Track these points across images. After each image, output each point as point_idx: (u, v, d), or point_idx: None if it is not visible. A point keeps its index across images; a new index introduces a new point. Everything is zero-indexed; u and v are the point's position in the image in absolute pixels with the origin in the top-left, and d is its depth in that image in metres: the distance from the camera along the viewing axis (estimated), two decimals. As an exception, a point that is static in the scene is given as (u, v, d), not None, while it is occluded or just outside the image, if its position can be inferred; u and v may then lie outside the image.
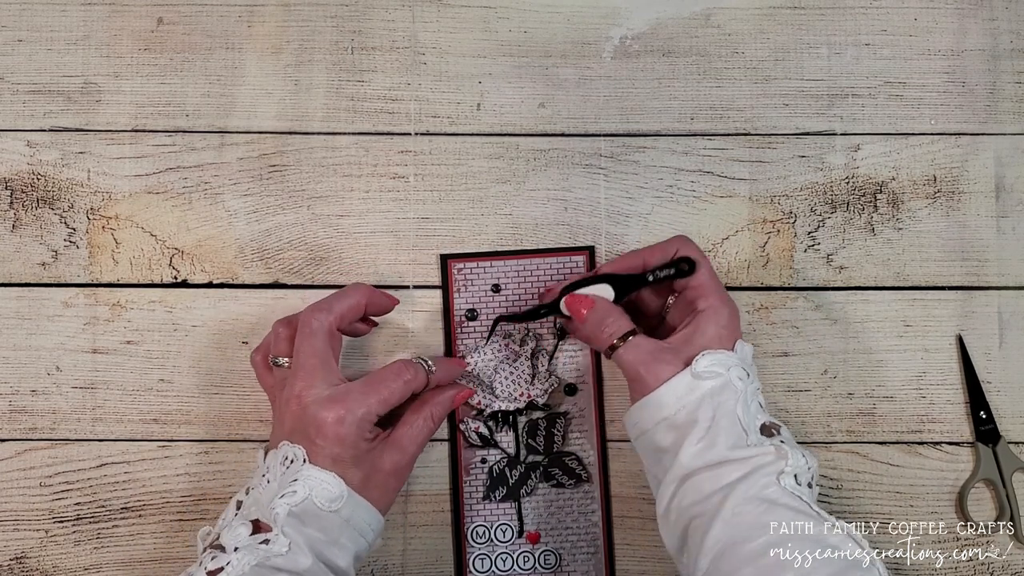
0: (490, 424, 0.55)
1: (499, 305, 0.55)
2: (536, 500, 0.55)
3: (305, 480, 0.46)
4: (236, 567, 0.43)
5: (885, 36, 0.57)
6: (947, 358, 0.56)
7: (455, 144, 0.57)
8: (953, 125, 0.57)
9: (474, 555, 0.54)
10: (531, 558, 0.54)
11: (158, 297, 0.56)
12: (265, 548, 0.44)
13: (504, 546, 0.54)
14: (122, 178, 0.56)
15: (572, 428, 0.55)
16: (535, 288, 0.56)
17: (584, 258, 0.56)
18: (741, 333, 0.49)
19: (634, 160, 0.57)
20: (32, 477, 0.55)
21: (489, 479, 0.55)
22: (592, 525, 0.55)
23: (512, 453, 0.55)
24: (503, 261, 0.56)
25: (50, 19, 0.57)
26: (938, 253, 0.56)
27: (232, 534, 0.45)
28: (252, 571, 0.44)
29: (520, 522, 0.55)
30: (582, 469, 0.55)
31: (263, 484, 0.47)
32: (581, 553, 0.54)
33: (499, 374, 0.53)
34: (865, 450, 0.56)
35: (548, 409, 0.55)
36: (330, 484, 0.46)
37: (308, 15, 0.57)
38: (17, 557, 0.55)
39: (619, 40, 0.57)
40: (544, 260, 0.56)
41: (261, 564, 0.44)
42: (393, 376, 0.48)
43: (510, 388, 0.53)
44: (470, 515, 0.55)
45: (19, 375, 0.56)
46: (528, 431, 0.55)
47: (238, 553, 0.44)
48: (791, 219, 0.57)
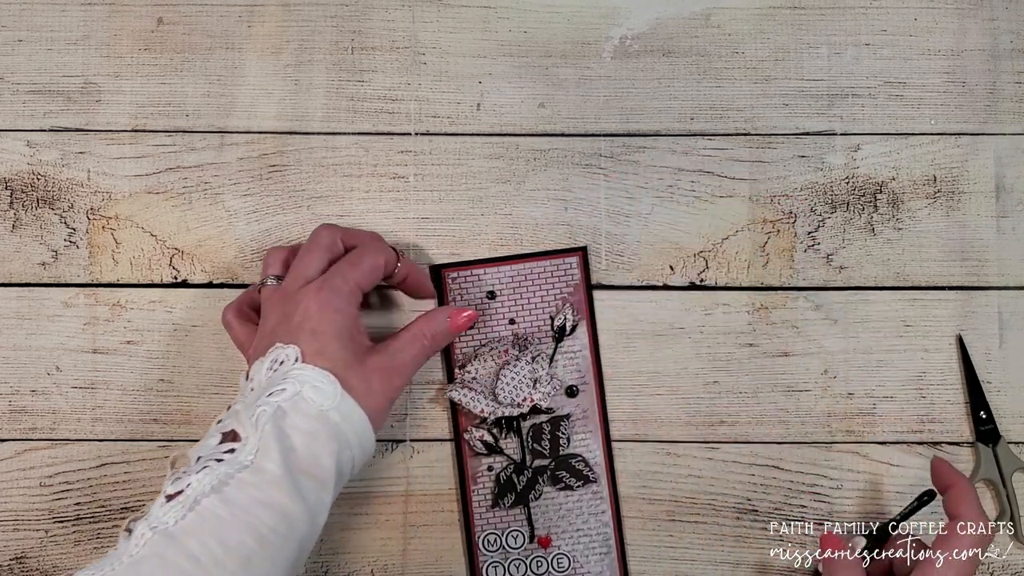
0: (494, 431, 0.55)
1: (495, 312, 0.55)
2: (545, 504, 0.55)
3: (296, 378, 0.44)
4: (196, 488, 0.41)
5: (885, 36, 0.57)
6: (947, 358, 0.56)
7: (455, 144, 0.57)
8: (953, 125, 0.57)
9: (487, 563, 0.54)
10: (544, 563, 0.54)
11: (158, 297, 0.56)
12: (229, 458, 0.42)
13: (516, 552, 0.54)
14: (122, 178, 0.56)
15: (576, 429, 0.55)
16: (530, 293, 0.55)
17: (577, 259, 0.56)
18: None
19: (634, 160, 0.57)
20: (32, 477, 0.55)
21: (497, 486, 0.54)
22: (603, 525, 0.55)
23: (518, 459, 0.55)
24: (496, 267, 0.56)
25: (50, 19, 0.57)
26: (938, 253, 0.56)
27: (199, 445, 0.43)
28: (214, 491, 0.41)
29: (531, 527, 0.55)
30: (589, 470, 0.55)
31: (244, 394, 0.45)
32: (594, 554, 0.54)
33: (500, 380, 0.53)
34: (865, 450, 0.56)
35: (551, 412, 0.55)
36: (323, 381, 0.44)
37: (308, 15, 0.57)
38: (17, 557, 0.55)
39: (619, 40, 0.57)
40: (538, 264, 0.56)
41: (223, 482, 0.41)
42: (372, 250, 0.49)
43: (512, 394, 0.53)
44: (480, 523, 0.54)
45: (19, 375, 0.56)
46: (533, 435, 0.55)
47: (199, 475, 0.41)
48: (791, 219, 0.57)
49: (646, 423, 0.56)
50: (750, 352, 0.56)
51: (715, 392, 0.56)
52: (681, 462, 0.56)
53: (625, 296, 0.56)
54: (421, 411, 0.56)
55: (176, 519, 0.41)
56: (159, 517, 0.41)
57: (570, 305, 0.55)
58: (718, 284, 0.56)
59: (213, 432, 0.44)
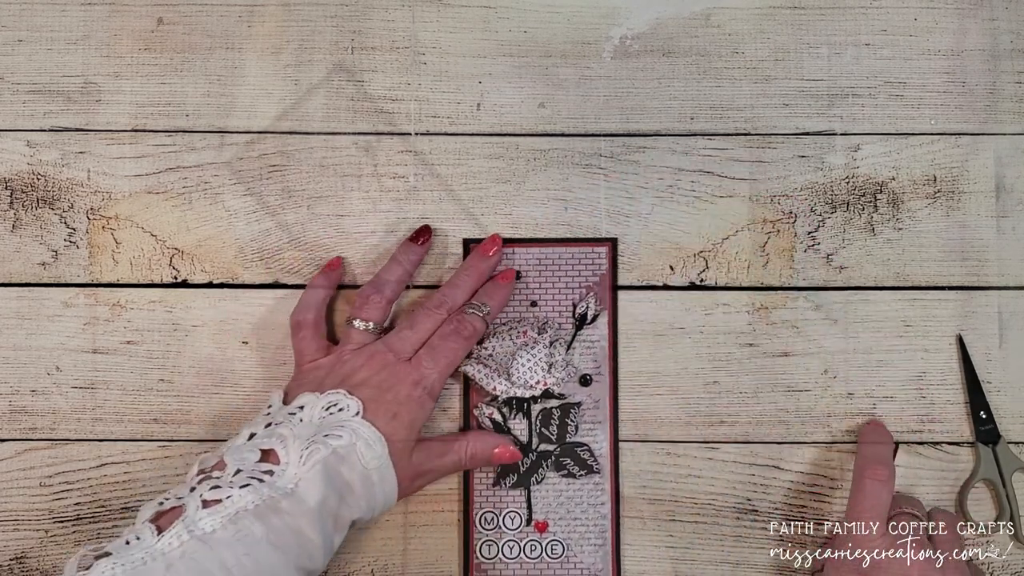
0: (504, 411, 0.55)
1: (519, 292, 0.56)
2: (546, 489, 0.55)
3: (354, 430, 0.46)
4: (237, 502, 0.43)
5: (885, 36, 0.57)
6: (947, 358, 0.56)
7: (455, 144, 0.57)
8: (953, 125, 0.57)
9: (481, 541, 0.54)
10: (538, 547, 0.54)
11: (158, 297, 0.56)
12: (269, 480, 0.44)
13: (512, 534, 0.54)
14: (122, 178, 0.56)
15: (585, 419, 0.55)
16: (555, 277, 0.56)
17: (606, 249, 0.56)
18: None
19: (634, 160, 0.57)
20: (32, 477, 0.55)
21: (500, 466, 0.54)
22: (601, 517, 0.55)
23: (524, 441, 0.55)
24: (525, 248, 0.56)
25: (50, 19, 0.57)
26: (938, 253, 0.56)
27: (236, 454, 0.44)
28: (255, 509, 0.43)
29: (529, 510, 0.55)
30: (594, 460, 0.55)
31: (291, 421, 0.47)
32: (588, 544, 0.54)
33: (516, 361, 0.53)
34: (865, 450, 0.56)
35: (563, 398, 0.55)
36: (376, 442, 0.46)
37: (308, 15, 0.57)
38: (17, 557, 0.55)
39: (619, 40, 0.57)
40: (567, 250, 0.56)
41: (265, 502, 0.43)
42: (454, 336, 0.51)
43: (527, 375, 0.53)
44: (479, 501, 0.54)
45: (19, 375, 0.56)
46: (542, 420, 0.55)
47: (242, 490, 0.43)
48: (791, 219, 0.57)
49: (646, 423, 0.56)
50: (750, 352, 0.56)
51: (715, 392, 0.56)
52: (681, 462, 0.56)
53: (625, 296, 0.56)
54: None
55: (214, 527, 0.42)
56: (197, 522, 0.42)
57: (594, 294, 0.56)
58: (718, 284, 0.56)
59: (252, 446, 0.46)
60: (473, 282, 0.54)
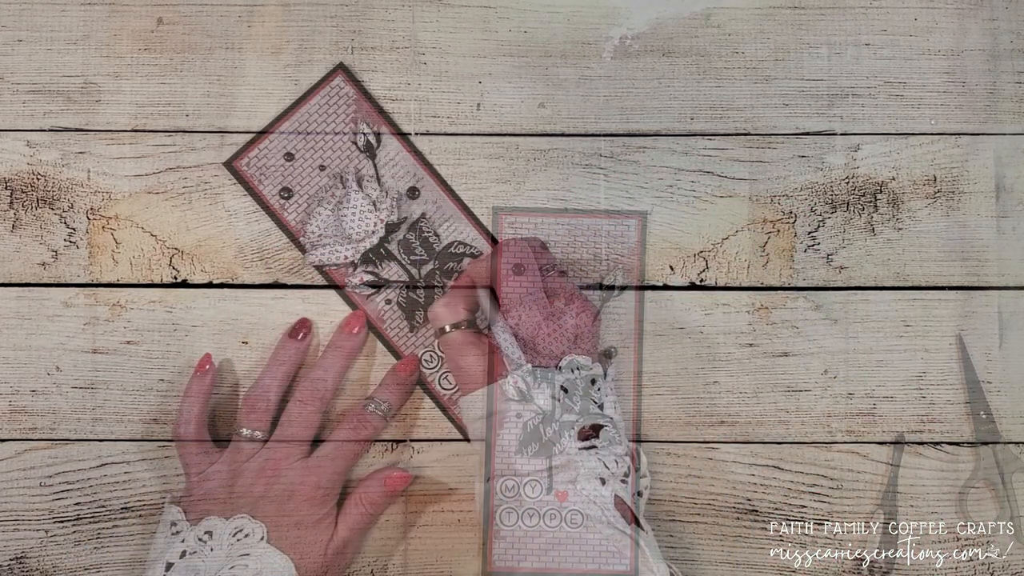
0: (528, 379, 0.54)
1: (547, 262, 0.56)
2: (567, 459, 0.54)
3: (260, 558, 0.48)
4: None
5: (885, 36, 0.57)
6: (947, 358, 0.56)
7: (455, 144, 0.57)
8: (953, 125, 0.57)
9: (502, 508, 0.54)
10: (558, 516, 0.54)
11: (158, 297, 0.56)
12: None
13: (532, 502, 0.54)
14: (122, 178, 0.56)
15: (607, 391, 0.55)
16: (584, 249, 0.56)
17: (636, 221, 0.56)
18: None
19: (634, 160, 0.57)
20: (32, 477, 0.55)
21: (523, 434, 0.54)
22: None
23: (548, 410, 0.54)
24: (555, 218, 0.56)
25: (50, 19, 0.57)
26: (938, 253, 0.56)
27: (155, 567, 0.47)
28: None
29: (550, 480, 0.54)
30: (615, 432, 0.54)
31: (203, 552, 0.48)
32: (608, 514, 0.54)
33: (541, 331, 0.53)
34: (865, 450, 0.56)
35: (587, 370, 0.55)
36: (283, 567, 0.48)
37: (308, 15, 0.57)
38: (17, 557, 0.55)
39: (619, 40, 0.57)
40: (595, 221, 0.56)
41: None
42: (352, 437, 0.53)
43: (552, 346, 0.53)
44: (500, 468, 0.54)
45: (19, 375, 0.56)
46: (566, 390, 0.54)
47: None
48: (791, 219, 0.57)
49: (646, 423, 0.56)
50: (750, 352, 0.56)
51: (715, 392, 0.56)
52: (681, 462, 0.56)
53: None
54: (421, 411, 0.56)
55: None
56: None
57: (621, 267, 0.55)
58: (718, 284, 0.56)
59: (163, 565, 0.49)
60: (341, 363, 0.54)
